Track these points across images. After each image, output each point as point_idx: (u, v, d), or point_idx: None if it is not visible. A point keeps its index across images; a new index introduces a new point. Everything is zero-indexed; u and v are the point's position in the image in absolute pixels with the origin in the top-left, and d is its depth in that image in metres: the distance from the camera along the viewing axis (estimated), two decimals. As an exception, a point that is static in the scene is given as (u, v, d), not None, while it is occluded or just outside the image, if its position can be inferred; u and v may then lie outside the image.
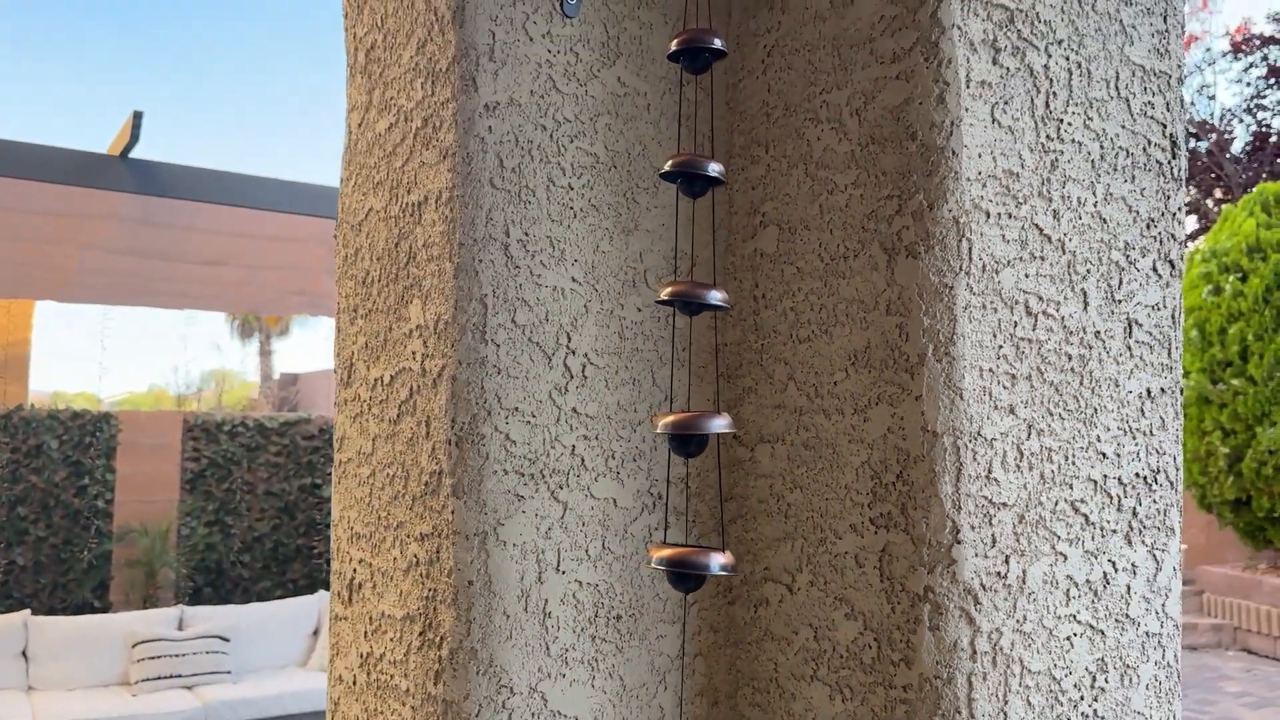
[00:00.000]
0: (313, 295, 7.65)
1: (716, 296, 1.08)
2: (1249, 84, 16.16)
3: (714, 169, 1.09)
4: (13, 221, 5.38)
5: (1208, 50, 16.68)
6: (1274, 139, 15.87)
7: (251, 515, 9.18)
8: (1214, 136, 16.14)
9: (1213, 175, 16.09)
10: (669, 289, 1.08)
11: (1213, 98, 16.69)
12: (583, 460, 1.29)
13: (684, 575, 1.04)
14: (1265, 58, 15.80)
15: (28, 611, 6.83)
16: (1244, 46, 15.95)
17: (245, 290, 7.65)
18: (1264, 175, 15.28)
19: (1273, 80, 15.80)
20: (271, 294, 7.87)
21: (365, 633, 1.42)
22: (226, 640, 6.81)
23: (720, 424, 1.08)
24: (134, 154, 4.95)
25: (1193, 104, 16.59)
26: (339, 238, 1.58)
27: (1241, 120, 16.29)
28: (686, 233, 1.39)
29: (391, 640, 1.34)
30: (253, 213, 5.28)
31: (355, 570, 1.46)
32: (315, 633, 7.36)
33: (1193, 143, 16.05)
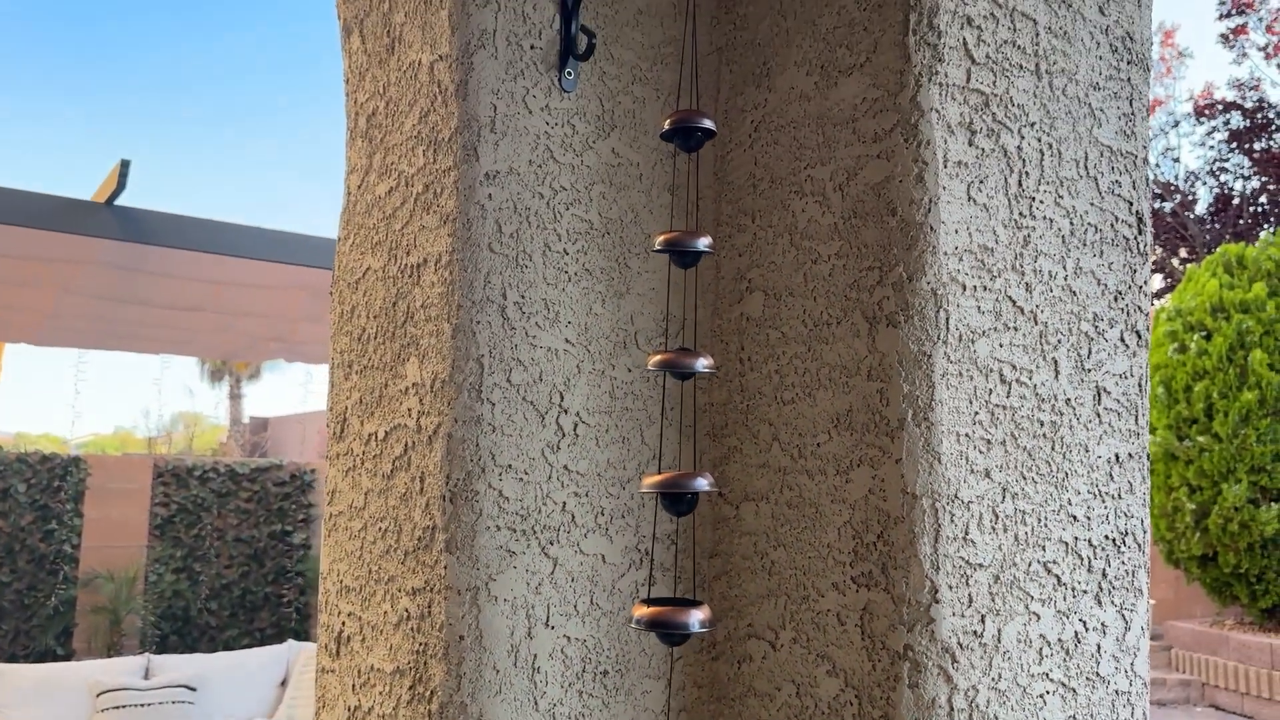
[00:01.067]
0: (291, 342, 7.65)
1: (703, 364, 1.13)
2: (1212, 147, 16.59)
3: (703, 243, 1.14)
4: (-2, 266, 5.40)
5: (1170, 114, 17.12)
6: (1236, 201, 16.26)
7: (220, 562, 9.08)
8: (1178, 198, 16.51)
9: (1177, 235, 16.43)
10: (658, 358, 1.13)
11: (1177, 160, 17.10)
12: (573, 517, 1.33)
13: (669, 634, 1.08)
14: (1227, 122, 16.24)
15: (-10, 659, 6.70)
16: (1207, 111, 16.39)
17: (223, 336, 7.64)
18: (1226, 236, 15.64)
19: (1234, 144, 16.23)
20: (248, 340, 7.87)
21: (354, 686, 1.43)
22: (193, 690, 6.69)
23: (702, 484, 1.12)
24: (119, 201, 4.98)
25: (1158, 166, 16.98)
26: (335, 294, 1.62)
27: (1204, 182, 16.70)
28: (676, 297, 1.44)
29: (381, 694, 1.36)
30: (234, 260, 5.31)
31: (344, 623, 1.48)
32: (284, 683, 7.25)
33: (1158, 203, 16.41)
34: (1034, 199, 1.29)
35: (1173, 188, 16.61)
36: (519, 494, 1.29)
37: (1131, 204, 1.39)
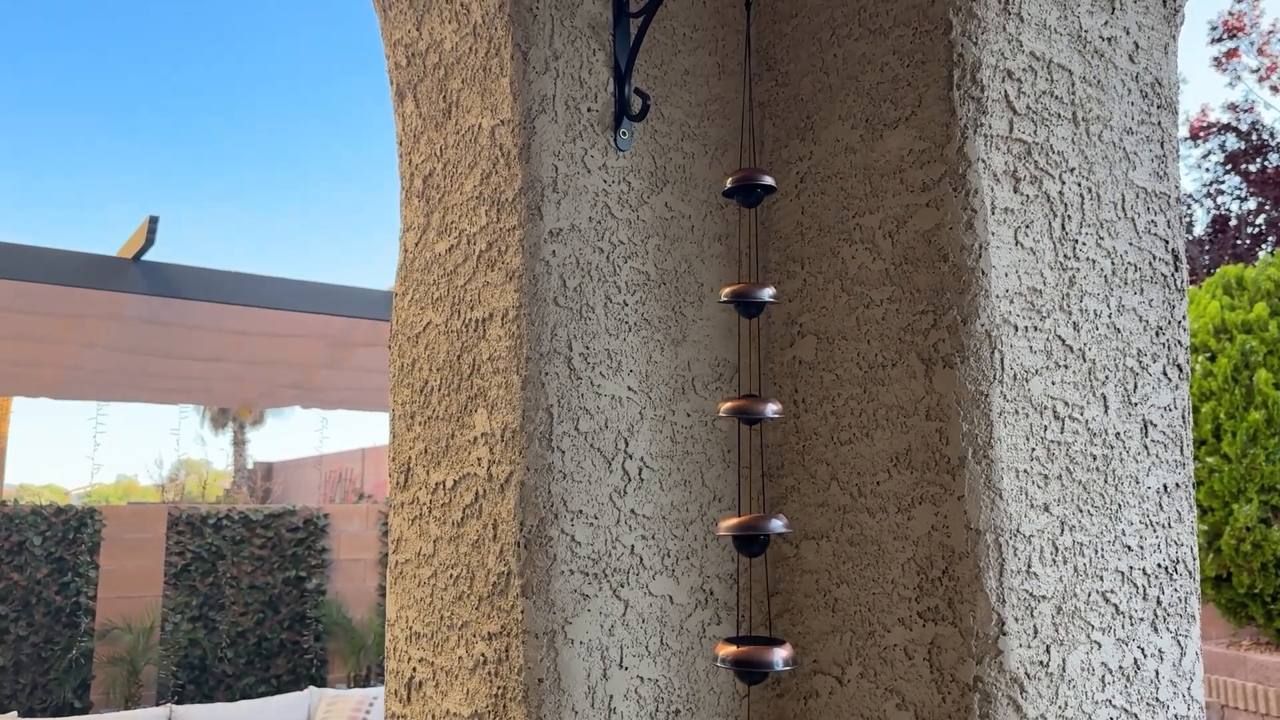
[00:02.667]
0: (308, 389, 7.71)
1: (773, 409, 1.18)
2: (1207, 169, 16.73)
3: (768, 294, 1.19)
4: (22, 322, 5.45)
5: (1166, 138, 17.24)
6: (1233, 223, 16.38)
7: (236, 609, 9.07)
8: (1176, 220, 16.62)
9: (1176, 257, 16.50)
10: (729, 404, 1.18)
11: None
12: (641, 559, 1.37)
13: (750, 673, 1.12)
14: (1222, 145, 16.40)
15: (14, 714, 6.69)
16: (1201, 134, 16.56)
17: (240, 384, 7.70)
18: (1225, 258, 15.74)
19: (1229, 166, 16.38)
20: (265, 387, 7.92)
21: (427, 730, 1.47)
22: (214, 740, 6.68)
23: (777, 525, 1.16)
24: (146, 256, 5.06)
25: (1154, 189, 17.09)
26: (394, 348, 1.67)
27: (1201, 204, 16.83)
28: (729, 343, 1.49)
29: (457, 737, 1.40)
30: (255, 310, 5.38)
31: (415, 669, 1.51)
32: (304, 730, 7.23)
33: (1156, 226, 16.49)
34: (1077, 241, 1.35)
35: (1170, 210, 16.70)
36: (590, 538, 1.33)
37: (1167, 242, 1.45)
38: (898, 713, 1.28)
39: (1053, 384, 1.29)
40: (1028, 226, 1.31)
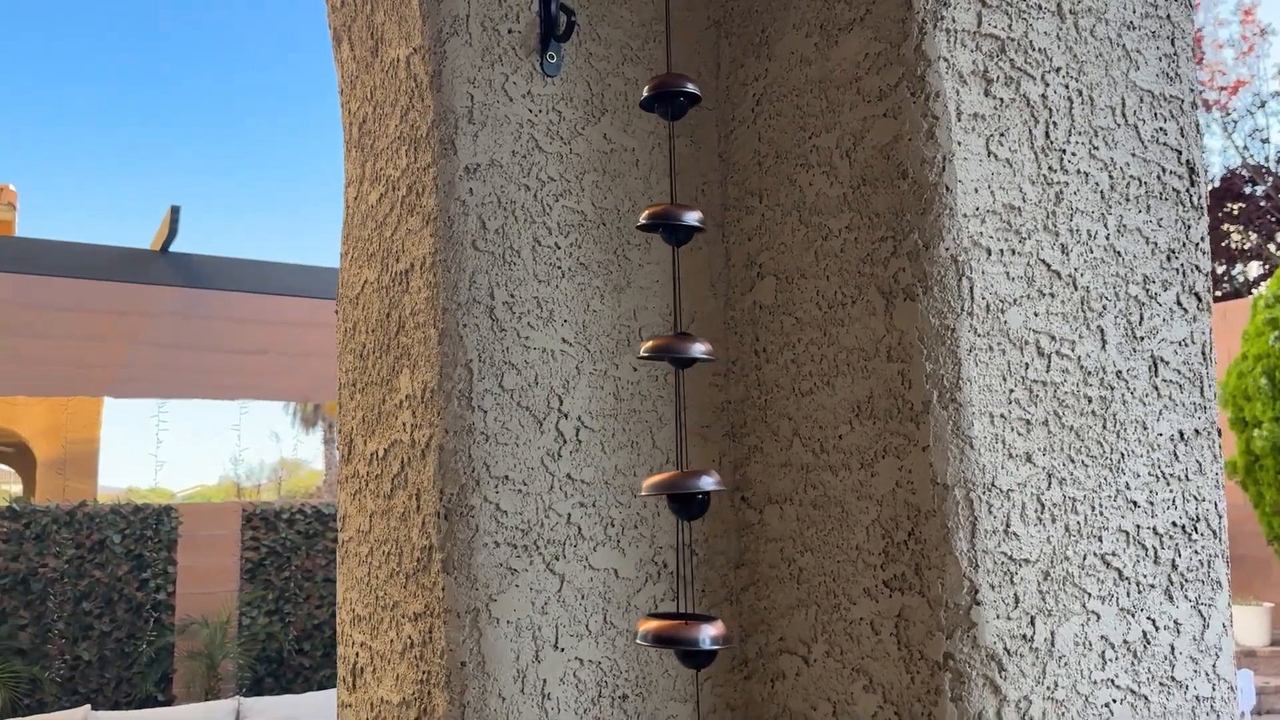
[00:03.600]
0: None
1: (700, 349, 1.02)
2: (1301, 124, 15.82)
3: (692, 217, 1.04)
4: (65, 320, 5.55)
5: (1256, 94, 16.38)
6: (1334, 179, 15.48)
7: (310, 603, 9.17)
8: (1270, 179, 15.78)
9: (1272, 219, 15.69)
10: (650, 344, 1.03)
11: (1266, 140, 16.35)
12: (580, 529, 1.23)
13: (689, 652, 0.97)
14: (1316, 96, 15.49)
15: (88, 707, 6.84)
16: (1294, 87, 15.65)
17: (293, 378, 7.75)
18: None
19: (1328, 120, 15.46)
20: (318, 380, 7.95)
21: (367, 720, 1.35)
22: (284, 731, 6.73)
23: (709, 482, 1.01)
24: (174, 248, 5.09)
25: (1246, 148, 16.26)
26: (340, 312, 1.56)
27: (1298, 162, 15.93)
28: (684, 291, 1.34)
29: (390, 727, 1.28)
30: (291, 300, 5.36)
31: (357, 654, 1.40)
32: (373, 721, 7.25)
33: (1249, 187, 15.71)
34: (1065, 151, 1.16)
35: (1264, 170, 15.89)
36: (518, 507, 1.20)
37: (1180, 153, 1.25)
38: (865, 695, 1.12)
39: (1035, 315, 1.11)
40: (1002, 135, 1.13)
